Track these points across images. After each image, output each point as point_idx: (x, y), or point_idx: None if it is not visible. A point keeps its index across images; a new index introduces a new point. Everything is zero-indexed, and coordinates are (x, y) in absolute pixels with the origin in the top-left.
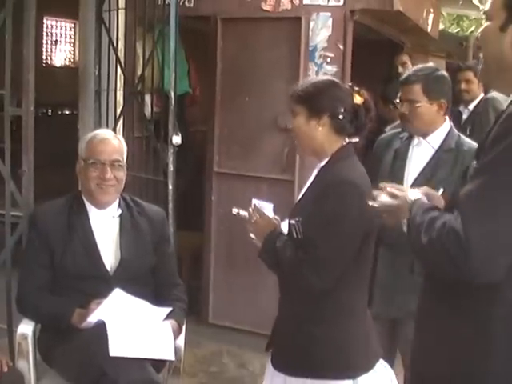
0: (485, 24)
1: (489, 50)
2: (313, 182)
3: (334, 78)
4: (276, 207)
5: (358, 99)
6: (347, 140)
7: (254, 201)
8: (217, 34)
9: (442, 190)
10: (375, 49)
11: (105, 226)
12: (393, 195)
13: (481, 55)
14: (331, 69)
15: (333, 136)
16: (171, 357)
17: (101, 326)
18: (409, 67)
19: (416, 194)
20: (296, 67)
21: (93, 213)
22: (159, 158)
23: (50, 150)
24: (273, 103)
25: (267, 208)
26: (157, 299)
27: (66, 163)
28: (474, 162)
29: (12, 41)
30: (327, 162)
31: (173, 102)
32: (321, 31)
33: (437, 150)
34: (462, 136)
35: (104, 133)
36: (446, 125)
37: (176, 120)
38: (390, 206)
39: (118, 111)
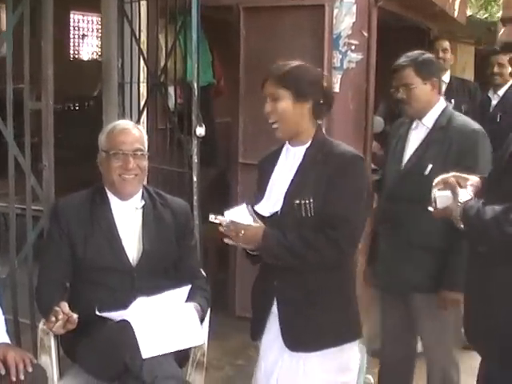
0: None
1: None
2: (305, 163)
3: (306, 63)
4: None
5: (325, 82)
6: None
7: (227, 215)
8: (239, 23)
9: (430, 167)
10: (401, 35)
11: (127, 217)
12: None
13: None
14: (356, 56)
15: (312, 119)
16: (201, 341)
17: (124, 323)
18: (449, 54)
19: (466, 196)
20: (320, 56)
21: (115, 204)
22: (183, 149)
23: (77, 144)
24: None
25: (242, 213)
26: None
27: (94, 157)
28: None
29: (34, 35)
30: (313, 143)
31: (196, 93)
32: (345, 18)
33: (430, 130)
34: (457, 114)
35: (124, 123)
36: (440, 104)
37: (200, 111)
38: (447, 210)
39: (142, 103)
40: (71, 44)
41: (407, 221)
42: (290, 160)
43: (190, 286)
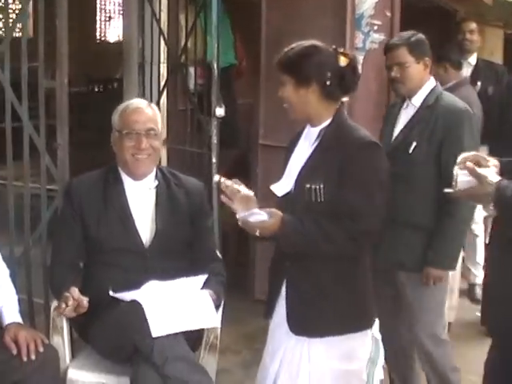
0: None
1: None
2: (320, 145)
3: (316, 42)
4: None
5: (342, 61)
6: (339, 102)
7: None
8: (261, 3)
9: (414, 144)
10: (425, 17)
11: (141, 197)
12: (474, 173)
13: None
14: (378, 37)
15: (324, 101)
16: (216, 323)
17: (134, 304)
18: (475, 35)
19: (495, 176)
20: (342, 36)
21: (128, 184)
22: (203, 130)
23: (101, 126)
24: None
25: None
26: (194, 273)
27: None
28: None
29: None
30: (331, 124)
31: (216, 74)
32: None
33: (418, 108)
34: (446, 93)
35: (137, 102)
36: (430, 83)
37: (221, 92)
38: (470, 192)
39: (162, 84)
40: (97, 26)
41: (393, 198)
42: (307, 141)
43: (206, 276)
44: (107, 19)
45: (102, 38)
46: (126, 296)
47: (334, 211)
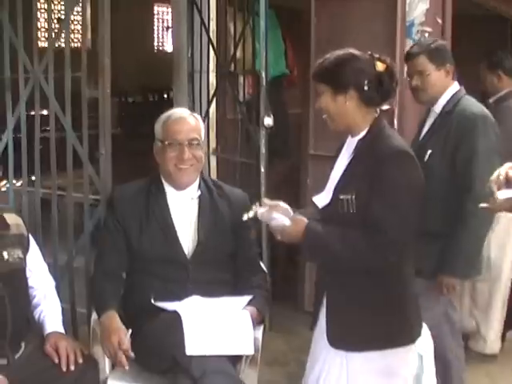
0: None
1: None
2: (355, 156)
3: (351, 50)
4: None
5: (379, 66)
6: (378, 110)
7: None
8: (310, 11)
9: (429, 152)
10: (478, 23)
11: (183, 207)
12: None
13: None
14: None
15: (363, 108)
16: (250, 351)
17: (175, 316)
18: None
19: None
20: (392, 44)
21: (171, 194)
22: (252, 140)
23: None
24: None
25: (274, 216)
26: (236, 285)
27: None
28: None
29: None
30: (366, 135)
31: (264, 83)
32: (418, 5)
33: (438, 115)
34: (466, 98)
35: (180, 112)
36: (452, 89)
37: (272, 102)
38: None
39: (211, 93)
40: (155, 36)
41: None
42: (347, 152)
43: (250, 297)
44: (165, 29)
45: (160, 48)
46: (168, 306)
47: (365, 222)
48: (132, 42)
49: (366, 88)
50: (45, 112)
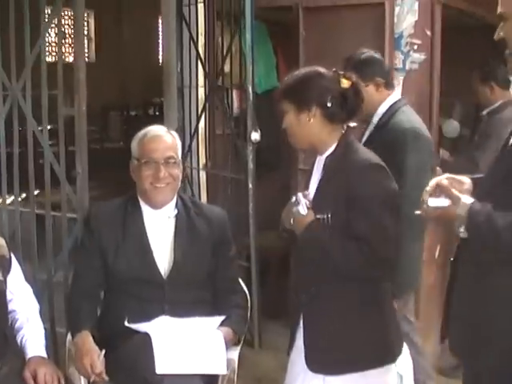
0: None
1: None
2: (325, 173)
3: (316, 68)
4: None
5: (344, 83)
6: (345, 127)
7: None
8: (299, 23)
9: None
10: (469, 34)
11: (159, 227)
12: (449, 192)
13: None
14: (419, 56)
15: (328, 125)
16: (223, 371)
17: (146, 338)
18: None
19: (468, 198)
20: (381, 56)
21: (147, 213)
22: (240, 155)
23: None
24: None
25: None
26: (215, 305)
27: None
28: None
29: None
30: (334, 151)
31: (251, 98)
32: (407, 17)
33: (374, 128)
34: (403, 110)
35: (156, 129)
36: (388, 101)
37: (264, 115)
38: (443, 211)
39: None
40: (160, 50)
41: None
42: (318, 169)
43: (223, 317)
44: None
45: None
46: (141, 327)
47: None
48: (137, 56)
49: (329, 104)
50: None
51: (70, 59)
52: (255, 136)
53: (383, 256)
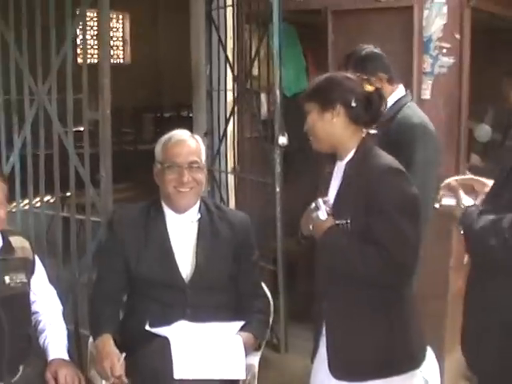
0: None
1: None
2: (345, 179)
3: (342, 72)
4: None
5: (368, 87)
6: (365, 132)
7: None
8: (327, 27)
9: None
10: (499, 36)
11: (182, 231)
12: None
13: None
14: (448, 60)
15: (350, 126)
16: (241, 376)
17: (165, 343)
18: None
19: (470, 200)
20: (409, 60)
21: (170, 217)
22: (268, 159)
23: None
24: None
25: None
26: (237, 310)
27: None
28: None
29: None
30: (354, 156)
31: (278, 101)
32: (435, 20)
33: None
34: (409, 105)
35: (180, 134)
36: (393, 97)
37: (294, 119)
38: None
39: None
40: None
41: None
42: (338, 175)
43: (242, 323)
44: None
45: None
46: (161, 331)
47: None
48: (171, 58)
49: (353, 104)
50: None
51: None
52: (283, 140)
53: (401, 261)
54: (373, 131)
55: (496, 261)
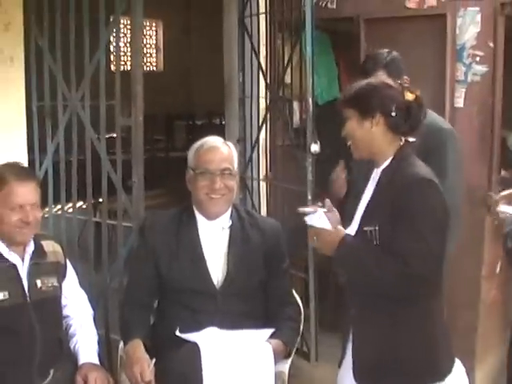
0: None
1: None
2: (378, 186)
3: (383, 80)
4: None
5: (409, 96)
6: (403, 140)
7: (308, 220)
8: (360, 35)
9: None
10: None
11: (213, 237)
12: None
13: None
14: (481, 69)
15: (389, 135)
16: (271, 383)
17: (195, 349)
18: None
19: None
20: (442, 68)
21: (202, 224)
22: (300, 167)
23: None
24: None
25: (320, 217)
26: (267, 317)
27: None
28: None
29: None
30: (390, 164)
31: (310, 109)
32: (469, 28)
33: None
34: (430, 112)
35: (212, 140)
36: None
37: (327, 127)
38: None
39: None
40: None
41: None
42: (373, 182)
43: (272, 330)
44: None
45: None
46: (191, 337)
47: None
48: (204, 65)
49: (393, 114)
50: None
51: None
52: (315, 148)
53: (419, 271)
54: (411, 139)
55: None
